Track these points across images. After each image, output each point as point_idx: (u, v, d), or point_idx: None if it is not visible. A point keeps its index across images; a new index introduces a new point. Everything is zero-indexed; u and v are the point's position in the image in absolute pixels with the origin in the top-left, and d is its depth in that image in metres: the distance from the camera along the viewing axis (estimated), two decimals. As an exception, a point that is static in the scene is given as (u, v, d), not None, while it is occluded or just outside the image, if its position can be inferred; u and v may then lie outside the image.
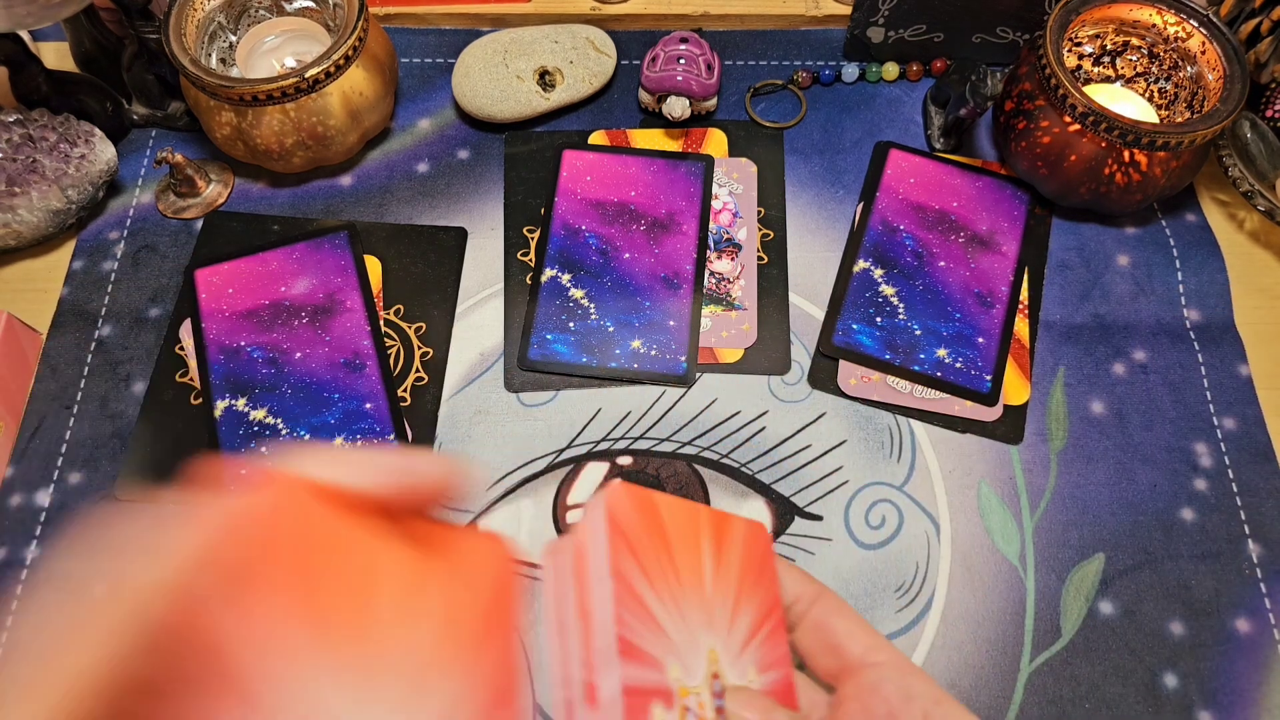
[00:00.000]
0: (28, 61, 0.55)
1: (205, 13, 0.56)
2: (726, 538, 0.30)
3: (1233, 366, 0.54)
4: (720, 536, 0.29)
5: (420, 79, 0.64)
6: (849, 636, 0.31)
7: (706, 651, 0.27)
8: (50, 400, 0.51)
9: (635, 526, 0.26)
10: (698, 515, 0.29)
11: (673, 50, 0.58)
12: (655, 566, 0.26)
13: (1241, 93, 0.53)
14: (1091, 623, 0.47)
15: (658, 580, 0.26)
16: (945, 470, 0.50)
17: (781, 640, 0.30)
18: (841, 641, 0.31)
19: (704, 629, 0.27)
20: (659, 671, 0.24)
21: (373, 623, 0.19)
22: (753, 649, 0.29)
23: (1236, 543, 0.49)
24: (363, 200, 0.58)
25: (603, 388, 0.52)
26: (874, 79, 0.64)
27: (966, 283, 0.55)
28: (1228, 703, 0.45)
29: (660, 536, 0.27)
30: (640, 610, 0.25)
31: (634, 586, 0.25)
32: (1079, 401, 0.52)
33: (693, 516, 0.29)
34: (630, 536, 0.25)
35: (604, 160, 0.59)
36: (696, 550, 0.28)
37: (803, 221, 0.58)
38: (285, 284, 0.54)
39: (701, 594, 0.27)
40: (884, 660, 0.30)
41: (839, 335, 0.54)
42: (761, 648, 0.29)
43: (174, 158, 0.55)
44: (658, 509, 0.27)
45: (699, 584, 0.27)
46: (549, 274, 0.55)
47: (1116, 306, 0.56)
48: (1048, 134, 0.54)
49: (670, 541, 0.27)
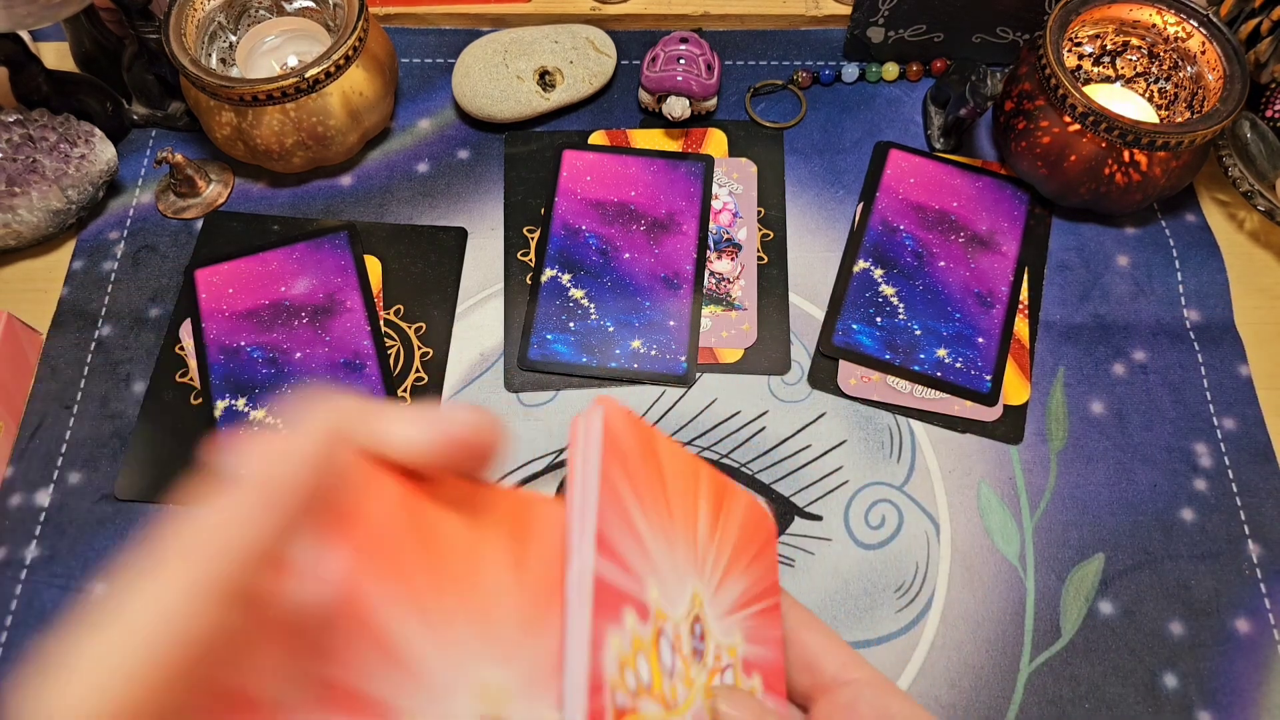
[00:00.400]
0: (28, 61, 0.55)
1: (205, 13, 0.56)
2: (726, 503, 0.28)
3: (1232, 367, 0.54)
4: (719, 499, 0.27)
5: (420, 79, 0.64)
6: (823, 652, 0.28)
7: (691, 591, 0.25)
8: (50, 400, 0.51)
9: (631, 447, 0.24)
10: (698, 470, 0.27)
11: (673, 50, 0.58)
12: (647, 491, 0.24)
13: (1241, 93, 0.53)
14: (1091, 623, 0.47)
15: (649, 504, 0.24)
16: (945, 470, 0.50)
17: (775, 624, 0.28)
18: (815, 657, 0.28)
19: (691, 571, 0.25)
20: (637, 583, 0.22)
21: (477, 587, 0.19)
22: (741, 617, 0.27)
23: (1236, 543, 0.49)
24: (363, 200, 0.58)
25: (603, 388, 0.52)
26: (874, 79, 0.64)
27: (966, 283, 0.55)
28: (1227, 703, 0.45)
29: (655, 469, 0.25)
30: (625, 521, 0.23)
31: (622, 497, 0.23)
32: (1079, 402, 0.52)
33: (693, 469, 0.26)
34: (624, 452, 0.23)
35: (604, 160, 0.59)
36: (692, 500, 0.26)
37: (803, 221, 0.58)
38: (285, 284, 0.54)
39: (693, 540, 0.25)
40: (860, 677, 0.28)
41: (839, 335, 0.54)
42: (751, 620, 0.27)
43: (174, 158, 0.55)
44: (656, 445, 0.25)
45: (690, 530, 0.25)
46: (549, 274, 0.55)
47: (1116, 307, 0.56)
48: (1048, 134, 0.54)
49: (665, 479, 0.25)
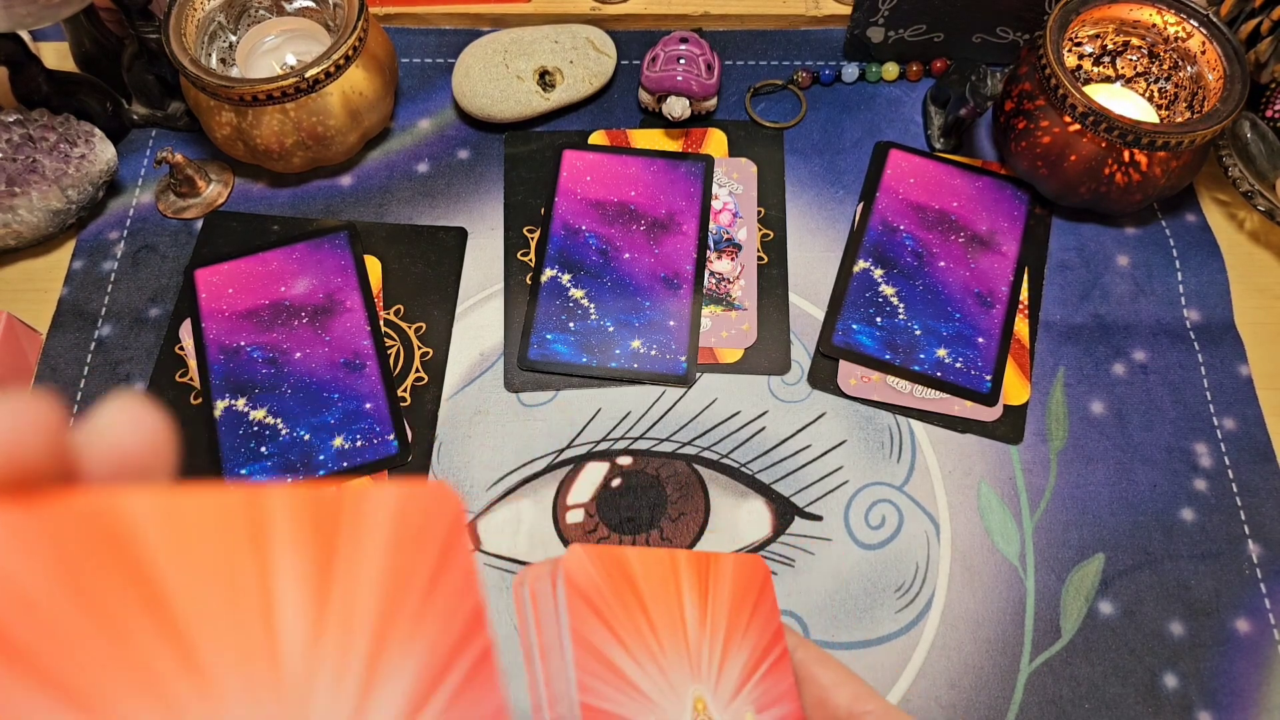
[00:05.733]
0: (28, 61, 0.55)
1: (205, 13, 0.56)
2: (711, 578, 0.28)
3: (1233, 367, 0.54)
4: (703, 578, 0.28)
5: (420, 79, 0.64)
6: (835, 686, 0.29)
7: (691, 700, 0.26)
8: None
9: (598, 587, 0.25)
10: (675, 561, 0.28)
11: (673, 50, 0.58)
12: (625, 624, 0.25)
13: (1241, 93, 0.53)
14: (1091, 623, 0.47)
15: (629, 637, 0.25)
16: (945, 470, 0.50)
17: (786, 674, 0.29)
18: (826, 693, 0.29)
19: (688, 679, 0.26)
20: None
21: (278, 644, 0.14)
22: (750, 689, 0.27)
23: (1236, 543, 0.49)
24: (363, 200, 0.58)
25: (603, 388, 0.52)
26: (874, 79, 0.64)
27: (966, 283, 0.55)
28: (1227, 703, 0.45)
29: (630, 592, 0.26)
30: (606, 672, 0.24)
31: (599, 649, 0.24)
32: (1079, 402, 0.52)
33: (669, 564, 0.27)
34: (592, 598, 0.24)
35: (604, 160, 0.59)
36: (675, 599, 0.27)
37: (803, 221, 0.58)
38: (285, 284, 0.54)
39: (683, 644, 0.26)
40: (872, 709, 0.28)
41: (839, 335, 0.54)
42: (760, 685, 0.28)
43: (174, 158, 0.55)
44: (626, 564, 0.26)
45: (678, 635, 0.26)
46: (549, 274, 0.55)
47: (1116, 307, 0.55)
48: (1048, 134, 0.54)
49: (643, 595, 0.26)
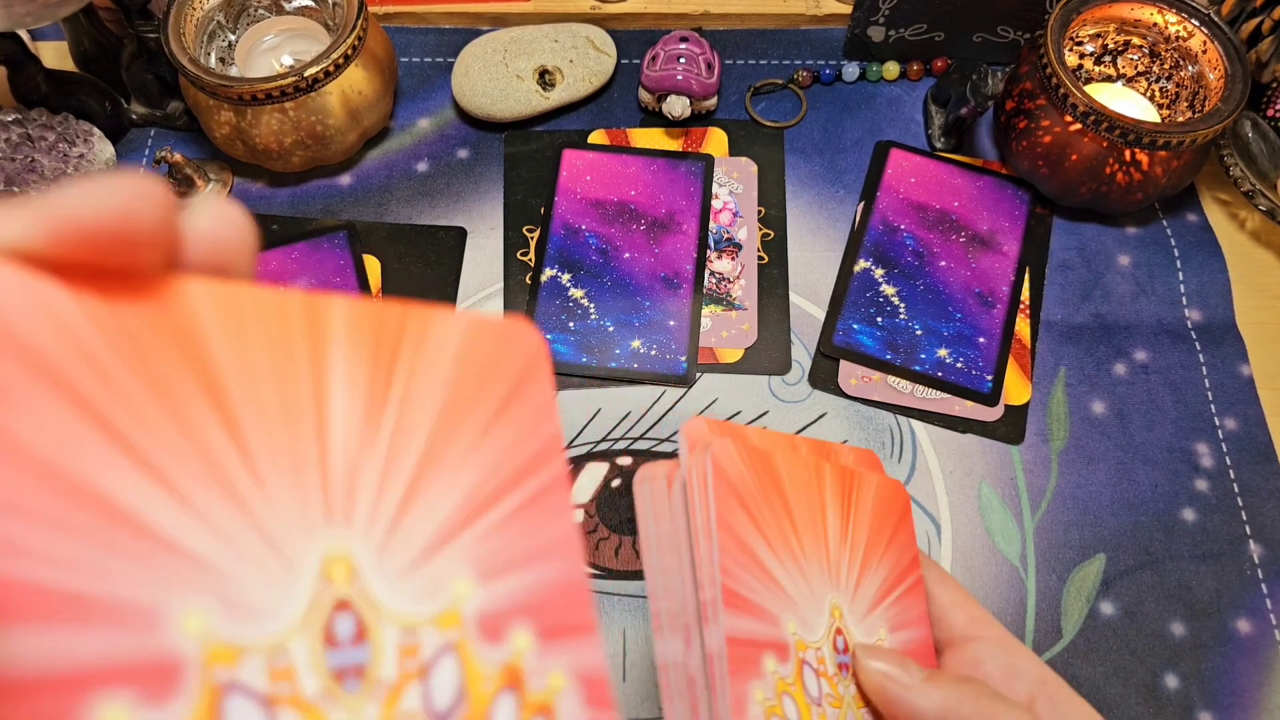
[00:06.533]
0: (27, 61, 0.55)
1: (204, 12, 0.56)
2: (855, 496, 0.28)
3: (1234, 366, 0.54)
4: (848, 493, 0.28)
5: (420, 78, 0.63)
6: (953, 607, 0.29)
7: (829, 607, 0.26)
8: (49, 400, 0.51)
9: (746, 482, 0.24)
10: (821, 471, 0.27)
11: (673, 49, 0.58)
12: (770, 521, 0.25)
13: (1243, 92, 0.53)
14: (1092, 623, 0.46)
15: (773, 535, 0.25)
16: (946, 470, 0.50)
17: (920, 600, 0.29)
18: (944, 612, 0.29)
19: (826, 586, 0.26)
20: (773, 625, 0.23)
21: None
22: (885, 607, 0.27)
23: (1237, 543, 0.49)
24: (362, 200, 0.58)
25: (603, 388, 0.52)
26: (874, 78, 0.64)
27: (967, 282, 0.55)
28: (1228, 703, 0.45)
29: (776, 492, 0.25)
30: (751, 564, 0.24)
31: (744, 540, 0.24)
32: (1080, 401, 0.52)
33: (815, 472, 0.27)
34: (740, 491, 0.24)
35: (604, 160, 0.59)
36: (819, 507, 0.27)
37: (803, 221, 0.58)
38: (284, 284, 0.54)
39: (824, 552, 0.26)
40: (987, 634, 0.29)
41: (839, 335, 0.54)
42: (895, 606, 0.28)
43: (173, 157, 0.55)
44: (773, 465, 0.26)
45: (820, 542, 0.26)
46: (549, 274, 0.55)
47: (1117, 306, 0.55)
48: (1049, 133, 0.54)
49: (788, 498, 0.26)
